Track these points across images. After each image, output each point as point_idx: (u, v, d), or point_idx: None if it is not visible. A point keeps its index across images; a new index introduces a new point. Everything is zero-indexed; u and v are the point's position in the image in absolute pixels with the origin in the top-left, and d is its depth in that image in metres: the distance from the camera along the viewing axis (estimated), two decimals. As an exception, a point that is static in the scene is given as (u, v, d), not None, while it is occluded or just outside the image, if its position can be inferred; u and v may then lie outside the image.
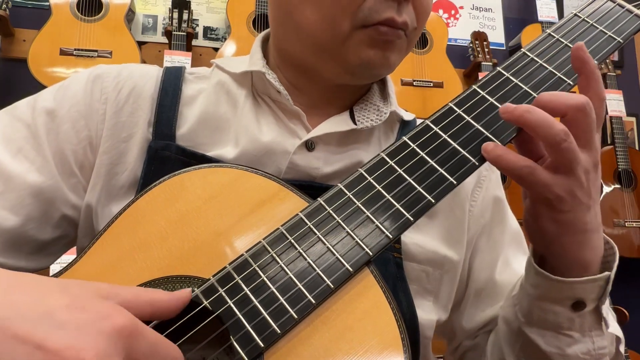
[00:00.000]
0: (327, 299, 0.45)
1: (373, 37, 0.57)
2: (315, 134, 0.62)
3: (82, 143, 0.60)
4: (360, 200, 0.49)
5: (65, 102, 0.61)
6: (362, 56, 0.58)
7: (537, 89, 0.53)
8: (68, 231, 0.62)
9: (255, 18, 2.07)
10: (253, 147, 0.61)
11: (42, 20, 1.90)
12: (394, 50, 0.59)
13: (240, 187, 0.51)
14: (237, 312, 0.44)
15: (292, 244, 0.47)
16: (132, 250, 0.48)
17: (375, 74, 0.63)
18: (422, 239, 0.63)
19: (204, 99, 0.65)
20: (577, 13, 0.58)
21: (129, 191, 0.60)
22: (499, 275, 0.69)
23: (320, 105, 0.65)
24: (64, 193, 0.59)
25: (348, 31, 0.57)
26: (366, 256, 0.46)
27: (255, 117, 0.63)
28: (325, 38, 0.58)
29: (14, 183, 0.57)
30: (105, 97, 0.62)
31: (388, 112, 0.66)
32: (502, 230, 0.72)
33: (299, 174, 0.61)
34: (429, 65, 2.21)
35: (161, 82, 0.64)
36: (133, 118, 0.62)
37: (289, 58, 0.65)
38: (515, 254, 0.71)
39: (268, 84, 0.63)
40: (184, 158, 0.59)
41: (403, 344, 0.44)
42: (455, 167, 0.50)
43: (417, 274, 0.62)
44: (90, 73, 0.64)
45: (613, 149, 2.31)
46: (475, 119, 0.52)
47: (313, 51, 0.61)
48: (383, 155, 0.51)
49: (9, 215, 0.56)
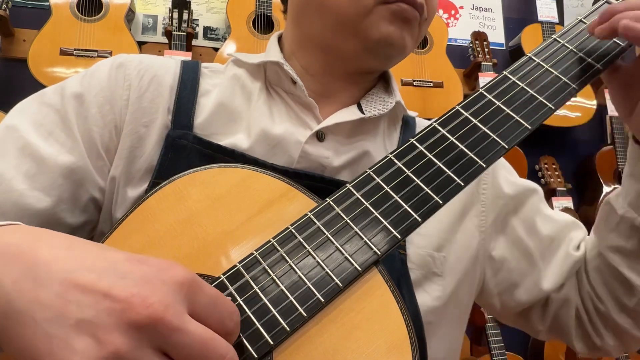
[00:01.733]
0: (335, 298, 0.45)
1: (395, 12, 0.61)
2: (325, 124, 0.64)
3: (108, 126, 0.62)
4: (369, 201, 0.49)
5: (92, 89, 0.63)
6: (383, 31, 0.61)
7: (543, 93, 0.54)
8: (94, 216, 0.63)
9: (255, 18, 2.07)
10: (266, 137, 0.63)
11: (42, 20, 1.90)
12: (411, 31, 0.63)
13: (249, 186, 0.51)
14: (246, 310, 0.44)
15: (301, 243, 0.48)
16: (142, 248, 0.48)
17: (391, 55, 0.66)
18: (425, 229, 0.64)
19: (220, 92, 0.67)
20: (583, 19, 0.59)
21: (144, 176, 0.61)
22: (545, 231, 0.73)
23: (331, 94, 0.68)
24: (92, 175, 0.61)
25: (371, 6, 0.61)
26: (375, 256, 0.47)
27: (268, 108, 0.66)
28: (350, 12, 0.62)
29: (47, 165, 0.58)
30: (129, 84, 0.64)
31: (394, 102, 0.69)
32: (520, 196, 0.74)
33: (310, 163, 0.63)
34: (429, 65, 2.21)
35: (180, 74, 0.67)
36: (154, 104, 0.64)
37: (309, 41, 0.68)
38: (541, 204, 0.75)
39: (283, 75, 0.66)
40: (201, 147, 0.61)
41: (411, 342, 0.44)
42: (463, 169, 0.50)
43: (423, 259, 0.63)
44: (114, 60, 0.66)
45: (613, 149, 2.32)
46: (482, 121, 0.53)
47: (335, 28, 0.64)
48: (391, 156, 0.52)
49: (43, 196, 0.57)
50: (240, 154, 0.61)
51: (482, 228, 0.71)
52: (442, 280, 0.64)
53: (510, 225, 0.73)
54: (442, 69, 2.23)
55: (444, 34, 2.32)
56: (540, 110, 0.53)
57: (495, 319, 1.94)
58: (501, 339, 1.93)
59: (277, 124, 0.64)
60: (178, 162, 0.57)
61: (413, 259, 0.63)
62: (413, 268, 0.62)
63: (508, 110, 0.53)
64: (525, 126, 0.52)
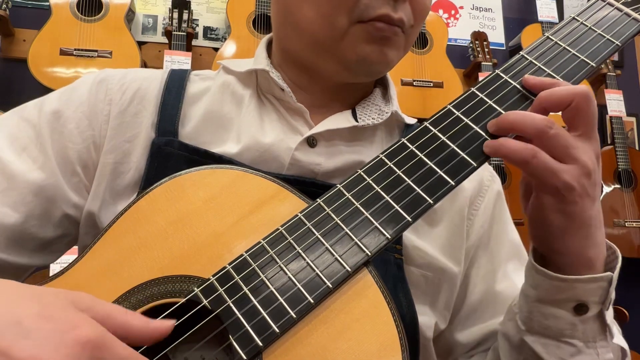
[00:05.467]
0: (325, 299, 0.45)
1: (370, 32, 0.58)
2: (317, 130, 0.63)
3: (85, 142, 0.61)
4: (359, 201, 0.49)
5: (71, 104, 0.63)
6: (359, 52, 0.59)
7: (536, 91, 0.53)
8: (70, 230, 0.63)
9: (255, 18, 2.07)
10: (256, 144, 0.62)
11: (42, 20, 1.90)
12: (392, 47, 0.60)
13: (240, 188, 0.51)
14: (236, 312, 0.44)
15: (291, 244, 0.47)
16: (133, 250, 0.48)
17: (373, 71, 0.64)
18: (423, 244, 0.63)
19: (209, 98, 0.66)
20: (576, 17, 0.58)
21: (133, 189, 0.61)
22: (498, 286, 0.68)
23: (323, 104, 0.66)
24: (65, 192, 0.60)
25: (345, 27, 0.58)
26: (365, 256, 0.47)
27: (259, 115, 0.65)
28: (324, 35, 0.59)
29: (17, 181, 0.58)
30: (110, 99, 0.63)
31: (390, 112, 0.67)
32: (501, 241, 0.71)
33: (301, 170, 0.61)
34: (429, 65, 2.21)
35: (166, 82, 0.66)
36: (137, 119, 0.63)
37: (291, 57, 0.66)
38: (515, 267, 0.70)
39: (272, 82, 0.65)
40: (187, 154, 0.60)
41: (401, 343, 0.44)
42: (454, 169, 0.50)
43: (416, 279, 0.62)
44: (96, 76, 0.65)
45: (613, 149, 2.31)
46: (473, 121, 0.52)
47: (312, 49, 0.62)
48: (382, 157, 0.52)
49: (10, 212, 0.57)
50: (228, 160, 0.60)
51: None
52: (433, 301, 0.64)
53: (478, 259, 0.69)
54: (442, 69, 2.22)
55: (444, 34, 2.32)
56: None
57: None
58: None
59: (267, 131, 0.63)
60: (166, 171, 0.55)
61: (407, 275, 0.61)
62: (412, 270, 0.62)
63: (500, 109, 0.52)
64: None
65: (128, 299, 0.46)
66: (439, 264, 0.64)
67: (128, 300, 0.46)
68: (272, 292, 0.45)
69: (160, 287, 0.47)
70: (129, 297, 0.46)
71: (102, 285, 0.47)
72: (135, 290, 0.47)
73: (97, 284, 0.47)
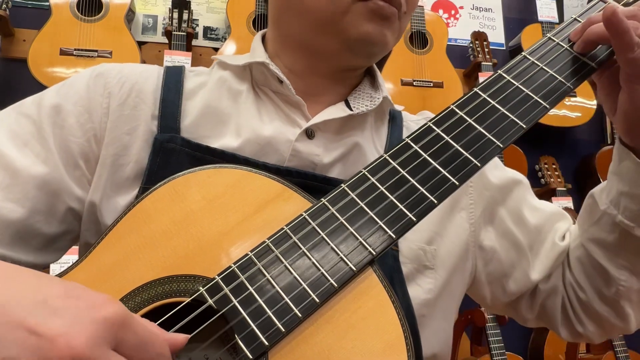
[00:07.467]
0: (331, 298, 0.45)
1: (371, 9, 0.61)
2: (314, 121, 0.65)
3: (86, 135, 0.62)
4: (364, 201, 0.49)
5: (70, 98, 0.63)
6: (361, 30, 0.61)
7: (538, 91, 0.54)
8: (73, 225, 0.63)
9: (255, 18, 2.07)
10: (256, 137, 0.63)
11: (42, 20, 1.90)
12: (390, 28, 0.63)
13: (244, 187, 0.51)
14: (241, 311, 0.44)
15: (296, 244, 0.48)
16: (138, 249, 0.48)
17: (372, 52, 0.66)
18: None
19: (206, 93, 0.67)
20: (577, 18, 0.59)
21: (134, 182, 0.61)
22: (533, 221, 0.73)
23: (318, 93, 0.69)
24: (68, 185, 0.61)
25: (349, 3, 0.61)
26: (370, 256, 0.47)
27: (257, 109, 0.66)
28: (327, 12, 0.62)
29: (20, 176, 0.58)
30: (109, 92, 0.64)
31: (381, 98, 0.70)
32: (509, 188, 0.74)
33: (301, 161, 0.63)
34: (429, 65, 2.21)
35: (163, 78, 0.67)
36: (136, 111, 0.64)
37: (290, 41, 0.68)
38: (529, 196, 0.76)
39: (270, 75, 0.66)
40: (190, 150, 0.61)
41: (406, 342, 0.44)
42: (458, 169, 0.50)
43: (414, 253, 0.64)
44: (92, 70, 0.66)
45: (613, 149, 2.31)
46: (477, 121, 0.52)
47: (315, 28, 0.64)
48: (386, 156, 0.52)
49: (15, 207, 0.57)
50: (231, 154, 0.61)
51: (471, 220, 0.71)
52: (434, 273, 0.65)
53: (499, 216, 0.73)
54: (442, 69, 2.23)
55: (444, 34, 2.32)
56: (535, 109, 0.53)
57: (495, 319, 1.94)
58: (501, 339, 1.93)
59: (266, 124, 0.65)
60: (168, 166, 0.57)
61: (405, 253, 0.63)
62: (405, 262, 0.63)
63: (503, 110, 0.53)
64: (520, 125, 0.52)
65: (133, 299, 0.46)
66: (432, 234, 0.66)
67: (133, 300, 0.46)
68: (277, 292, 0.45)
69: (165, 286, 0.47)
70: (134, 296, 0.46)
71: (106, 285, 0.47)
72: (140, 289, 0.47)
73: (102, 283, 0.47)
